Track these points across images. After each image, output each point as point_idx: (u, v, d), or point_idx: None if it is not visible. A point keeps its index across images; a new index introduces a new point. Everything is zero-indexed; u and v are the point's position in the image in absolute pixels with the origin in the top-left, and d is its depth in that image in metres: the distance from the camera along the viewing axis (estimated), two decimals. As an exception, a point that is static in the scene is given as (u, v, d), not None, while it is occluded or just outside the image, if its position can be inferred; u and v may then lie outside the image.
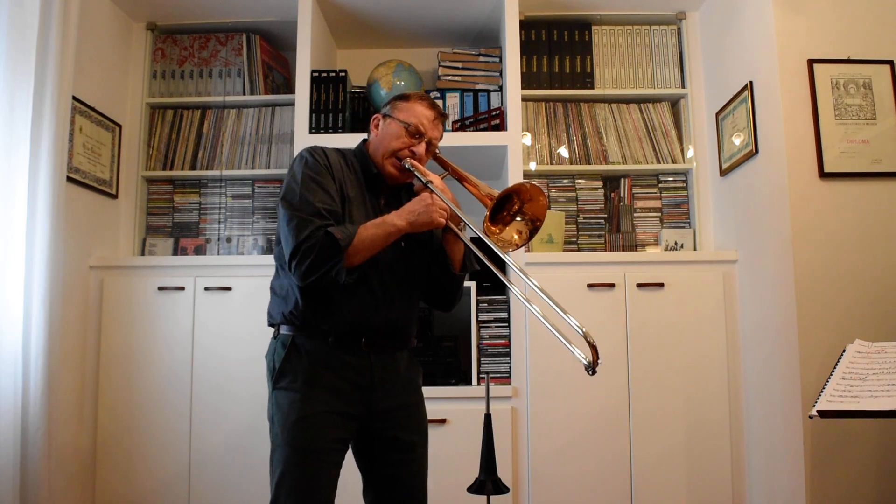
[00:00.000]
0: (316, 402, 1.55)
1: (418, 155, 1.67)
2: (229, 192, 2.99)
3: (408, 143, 1.67)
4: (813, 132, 2.24)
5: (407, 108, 1.70)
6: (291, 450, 1.52)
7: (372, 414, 1.62)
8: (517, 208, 1.60)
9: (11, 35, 2.15)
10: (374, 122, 1.76)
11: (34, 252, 2.21)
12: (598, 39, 3.00)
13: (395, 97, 1.75)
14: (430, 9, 2.93)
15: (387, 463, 1.65)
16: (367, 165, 1.71)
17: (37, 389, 2.18)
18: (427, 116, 1.68)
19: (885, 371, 1.71)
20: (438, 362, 2.58)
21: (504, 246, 1.57)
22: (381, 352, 1.63)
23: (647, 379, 2.52)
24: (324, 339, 1.58)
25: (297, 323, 1.60)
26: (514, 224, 1.60)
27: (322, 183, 1.59)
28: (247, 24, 3.05)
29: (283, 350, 1.60)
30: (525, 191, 1.57)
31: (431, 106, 1.71)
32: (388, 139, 1.69)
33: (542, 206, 1.58)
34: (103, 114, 2.78)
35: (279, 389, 1.58)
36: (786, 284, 2.23)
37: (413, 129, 1.67)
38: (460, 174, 1.70)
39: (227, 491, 2.54)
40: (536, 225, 1.60)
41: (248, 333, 2.59)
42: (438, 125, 1.72)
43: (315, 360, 1.58)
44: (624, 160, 2.92)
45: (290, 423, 1.54)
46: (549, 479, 2.48)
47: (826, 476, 2.12)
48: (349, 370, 1.59)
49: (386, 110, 1.74)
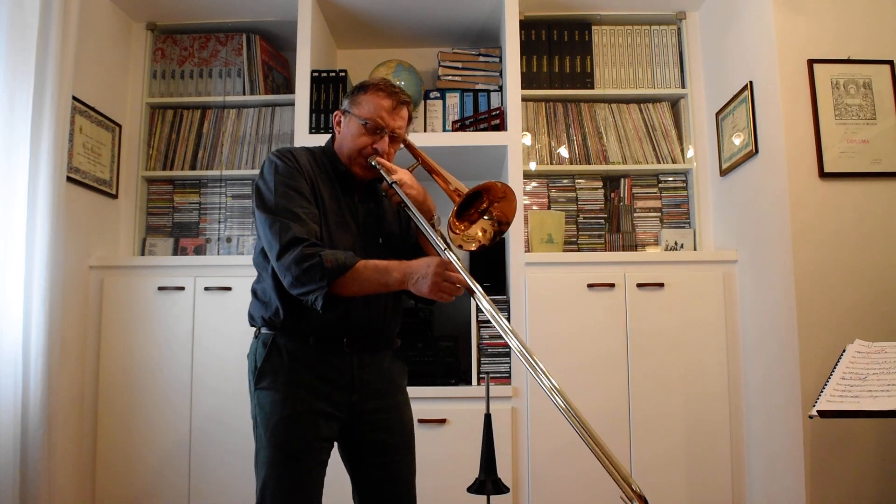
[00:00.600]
0: (297, 401, 1.53)
1: (382, 151, 1.61)
2: (229, 192, 2.99)
3: (368, 140, 1.61)
4: (813, 132, 2.24)
5: (364, 101, 1.62)
6: (275, 450, 1.51)
7: (355, 415, 1.60)
8: (485, 206, 1.54)
9: (11, 35, 2.15)
10: (335, 118, 1.70)
11: (34, 252, 2.21)
12: (598, 39, 3.00)
13: (355, 88, 1.67)
14: (430, 9, 2.93)
15: (372, 466, 1.64)
16: (336, 163, 1.67)
17: (37, 389, 2.18)
18: (385, 108, 1.61)
19: (885, 371, 1.71)
20: (438, 362, 2.58)
21: (467, 243, 1.53)
22: (363, 352, 1.61)
23: (647, 379, 2.52)
24: (304, 339, 1.56)
25: (277, 326, 1.58)
26: (481, 222, 1.55)
27: (296, 187, 1.55)
28: (247, 24, 3.05)
29: (263, 350, 1.58)
30: (496, 189, 1.51)
31: (389, 94, 1.62)
32: (349, 139, 1.64)
33: (511, 207, 1.53)
34: (103, 114, 2.78)
35: (261, 389, 1.57)
36: (786, 284, 2.23)
37: (372, 125, 1.60)
38: (430, 166, 1.64)
39: (227, 491, 2.53)
40: (502, 227, 1.54)
41: (248, 333, 2.57)
42: (400, 112, 1.64)
43: (296, 359, 1.56)
44: (624, 160, 2.92)
45: (272, 424, 1.52)
46: (549, 479, 2.48)
47: (826, 476, 2.11)
48: (330, 370, 1.57)
49: (345, 105, 1.67)
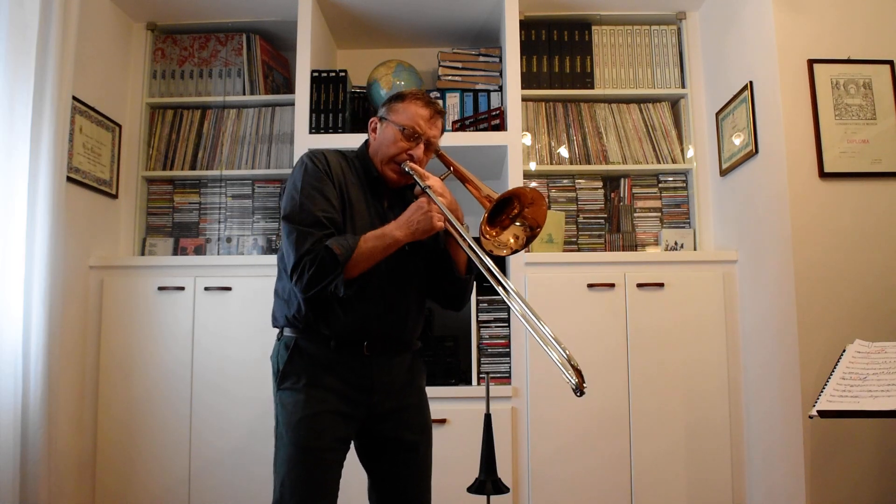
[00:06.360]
0: (318, 402, 1.56)
1: (417, 157, 1.65)
2: (229, 192, 2.99)
3: (405, 146, 1.65)
4: (813, 132, 2.24)
5: (402, 109, 1.67)
6: (295, 448, 1.54)
7: (374, 415, 1.63)
8: (517, 212, 1.58)
9: (11, 35, 2.15)
10: (371, 125, 1.74)
11: (34, 252, 2.21)
12: (598, 39, 3.00)
13: (391, 97, 1.73)
14: (430, 9, 2.93)
15: (390, 462, 1.66)
16: (369, 168, 1.71)
17: (37, 389, 2.18)
18: (423, 116, 1.66)
19: (885, 371, 1.71)
20: (438, 362, 2.58)
21: (498, 249, 1.56)
22: (382, 356, 1.63)
23: (647, 379, 2.52)
24: (325, 342, 1.59)
25: (299, 326, 1.61)
26: (512, 228, 1.58)
27: (322, 189, 1.58)
28: (247, 24, 3.05)
29: (285, 352, 1.61)
30: (525, 195, 1.55)
31: (427, 104, 1.68)
32: (385, 144, 1.67)
33: (542, 212, 1.56)
34: (103, 114, 2.78)
35: (283, 390, 1.60)
36: (786, 284, 2.23)
37: (409, 131, 1.65)
38: (462, 174, 1.68)
39: (227, 491, 2.54)
40: (535, 231, 1.57)
41: (248, 333, 2.60)
42: (436, 122, 1.70)
43: (317, 362, 1.59)
44: (624, 160, 2.92)
45: (293, 423, 1.55)
46: (549, 479, 2.48)
47: (826, 476, 2.12)
48: (350, 373, 1.59)
49: (382, 112, 1.72)
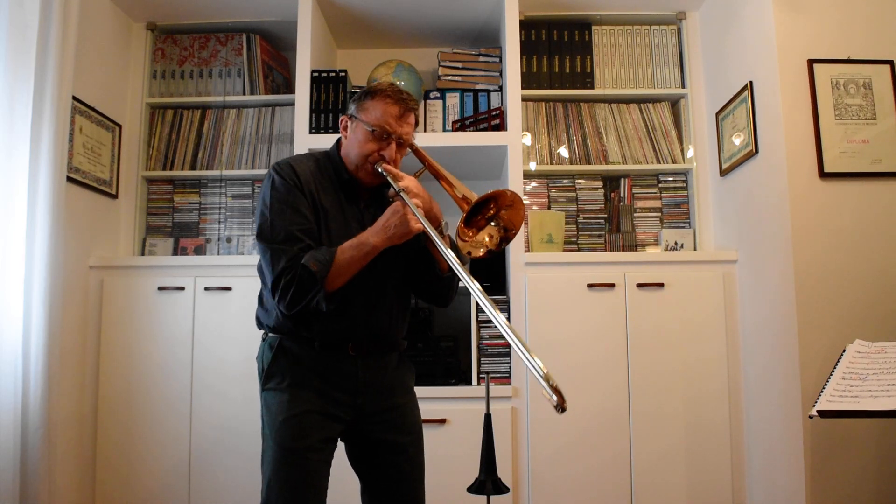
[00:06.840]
0: (303, 402, 1.55)
1: (389, 157, 1.61)
2: (229, 192, 2.99)
3: (375, 147, 1.60)
4: (813, 132, 2.24)
5: (371, 107, 1.62)
6: (279, 448, 1.53)
7: (362, 417, 1.62)
8: (493, 213, 1.55)
9: (11, 35, 2.15)
10: (342, 123, 1.69)
11: (34, 252, 2.21)
12: (598, 39, 3.00)
13: (361, 93, 1.66)
14: (430, 9, 2.93)
15: (380, 465, 1.65)
16: (340, 171, 1.67)
17: (37, 389, 2.18)
18: (392, 114, 1.61)
19: (885, 371, 1.71)
20: (438, 362, 2.58)
21: (476, 249, 1.54)
22: (367, 356, 1.61)
23: (647, 379, 2.52)
24: (310, 344, 1.58)
25: (283, 330, 1.60)
26: (487, 228, 1.56)
27: (292, 202, 1.55)
28: (247, 24, 3.05)
29: (270, 352, 1.60)
30: (505, 197, 1.52)
31: (397, 101, 1.62)
32: (356, 146, 1.63)
33: (519, 216, 1.53)
34: (103, 114, 2.78)
35: (267, 390, 1.60)
36: (786, 284, 2.23)
37: (379, 132, 1.60)
38: (437, 171, 1.64)
39: (227, 490, 2.53)
40: (510, 234, 1.55)
41: (248, 333, 2.56)
42: (408, 119, 1.64)
43: (301, 362, 1.58)
44: (624, 160, 2.92)
45: (278, 423, 1.55)
46: (549, 479, 2.48)
47: (826, 476, 2.12)
48: (334, 374, 1.59)
49: (352, 110, 1.66)
